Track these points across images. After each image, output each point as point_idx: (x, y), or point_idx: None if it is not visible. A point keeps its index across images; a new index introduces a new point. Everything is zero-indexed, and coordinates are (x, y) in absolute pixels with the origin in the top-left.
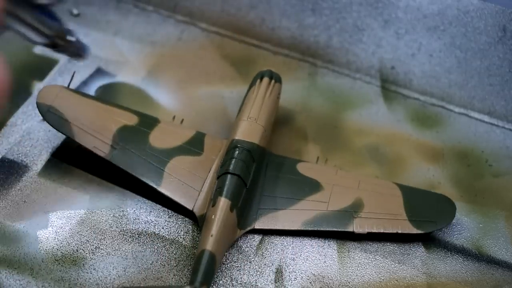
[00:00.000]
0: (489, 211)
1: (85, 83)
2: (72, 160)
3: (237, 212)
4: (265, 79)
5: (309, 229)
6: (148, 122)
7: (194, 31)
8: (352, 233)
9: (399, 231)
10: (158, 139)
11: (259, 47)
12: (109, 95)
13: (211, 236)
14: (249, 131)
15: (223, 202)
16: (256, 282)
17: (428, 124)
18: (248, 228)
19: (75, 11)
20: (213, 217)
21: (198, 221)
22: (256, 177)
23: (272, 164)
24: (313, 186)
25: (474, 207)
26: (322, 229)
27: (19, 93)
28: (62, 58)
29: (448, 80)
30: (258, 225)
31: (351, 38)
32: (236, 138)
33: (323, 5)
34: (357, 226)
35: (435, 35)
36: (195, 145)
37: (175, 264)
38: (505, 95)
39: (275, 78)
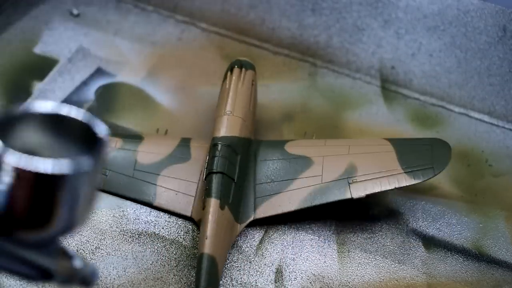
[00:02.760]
0: (489, 211)
1: (85, 83)
2: None
3: (231, 208)
4: (235, 70)
5: (308, 206)
6: (132, 142)
7: (194, 31)
8: (351, 199)
9: (397, 186)
10: (145, 155)
11: (259, 47)
12: (109, 95)
13: (206, 238)
14: (226, 126)
15: (211, 203)
16: (256, 282)
17: (428, 124)
18: (248, 221)
19: (75, 11)
20: (204, 219)
21: (198, 226)
22: (244, 168)
23: (260, 151)
24: (304, 163)
25: (474, 207)
26: (320, 202)
27: (19, 93)
28: (62, 59)
29: (448, 80)
30: (257, 215)
31: (351, 38)
32: (215, 135)
33: (323, 5)
34: (355, 191)
35: (435, 35)
36: (182, 152)
37: (175, 264)
38: (505, 95)
39: (245, 66)
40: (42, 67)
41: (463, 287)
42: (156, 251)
